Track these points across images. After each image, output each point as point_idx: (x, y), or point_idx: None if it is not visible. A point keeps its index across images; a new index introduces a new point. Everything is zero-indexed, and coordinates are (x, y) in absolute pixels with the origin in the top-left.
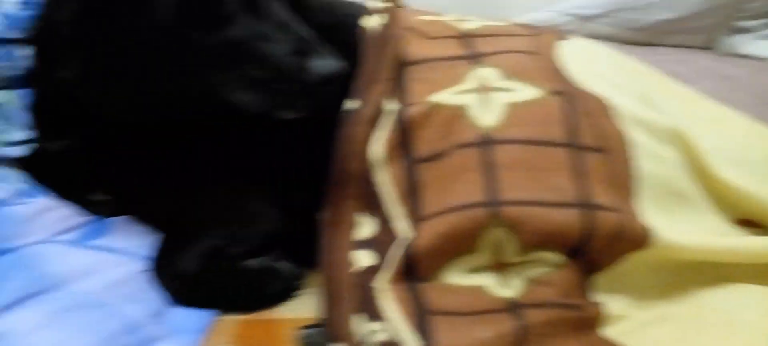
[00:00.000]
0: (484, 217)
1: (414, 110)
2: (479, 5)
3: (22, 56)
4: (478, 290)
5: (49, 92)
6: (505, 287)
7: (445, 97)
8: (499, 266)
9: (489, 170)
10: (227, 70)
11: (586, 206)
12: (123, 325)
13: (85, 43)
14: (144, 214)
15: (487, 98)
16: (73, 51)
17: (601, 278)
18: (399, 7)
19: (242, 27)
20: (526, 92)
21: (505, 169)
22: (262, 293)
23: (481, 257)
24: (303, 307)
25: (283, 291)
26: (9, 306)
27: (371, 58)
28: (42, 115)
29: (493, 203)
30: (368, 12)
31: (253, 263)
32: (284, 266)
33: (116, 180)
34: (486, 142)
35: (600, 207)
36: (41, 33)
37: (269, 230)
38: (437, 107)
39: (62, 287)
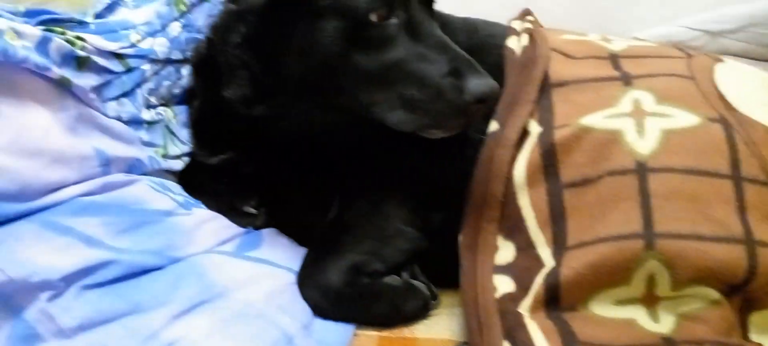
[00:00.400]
0: (639, 249)
1: (561, 133)
2: (601, 21)
3: (184, 76)
4: (629, 324)
5: (210, 109)
6: (655, 322)
7: (596, 120)
8: (649, 300)
9: (645, 200)
10: (385, 90)
11: (748, 241)
12: (280, 336)
13: (253, 65)
14: (292, 227)
15: (642, 123)
16: (241, 71)
17: (759, 318)
18: (540, 26)
19: (402, 49)
20: (683, 118)
21: (661, 199)
22: (401, 310)
23: (632, 290)
24: (438, 326)
25: (421, 309)
26: (183, 313)
27: (515, 79)
28: (201, 131)
29: (648, 235)
30: (510, 32)
31: (393, 280)
32: (422, 284)
33: (268, 193)
34: (642, 169)
35: (762, 243)
36: (208, 54)
37: (409, 249)
38: (587, 131)
39: (227, 296)
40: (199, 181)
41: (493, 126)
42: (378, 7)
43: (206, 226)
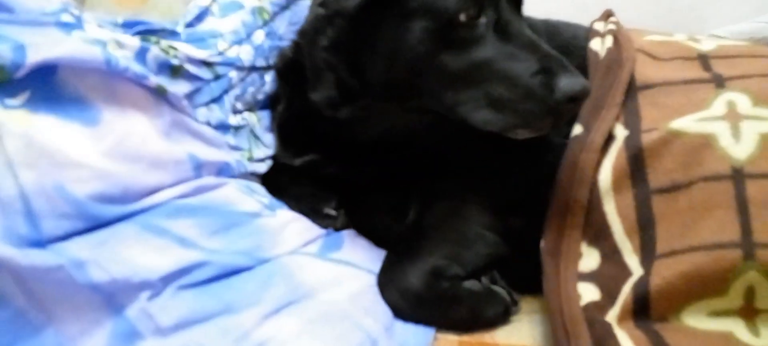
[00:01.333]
0: (737, 259)
1: (649, 137)
2: (677, 19)
3: (267, 82)
4: (726, 338)
5: (295, 112)
6: (756, 336)
7: (687, 123)
8: (748, 312)
9: (742, 207)
10: (471, 90)
11: None
12: (365, 338)
13: (340, 68)
14: (371, 229)
15: (737, 127)
16: (328, 74)
17: None
18: (623, 28)
19: (490, 48)
20: None
21: (760, 206)
22: (482, 314)
23: (729, 302)
24: (519, 332)
25: (501, 315)
26: (273, 313)
27: (600, 81)
28: (285, 133)
29: (747, 244)
30: (593, 34)
31: (473, 284)
32: (503, 290)
33: (348, 195)
34: (739, 175)
35: None
36: (294, 58)
37: (489, 254)
38: (677, 135)
39: (313, 296)
40: (281, 183)
41: (578, 129)
42: (468, 6)
43: (290, 227)
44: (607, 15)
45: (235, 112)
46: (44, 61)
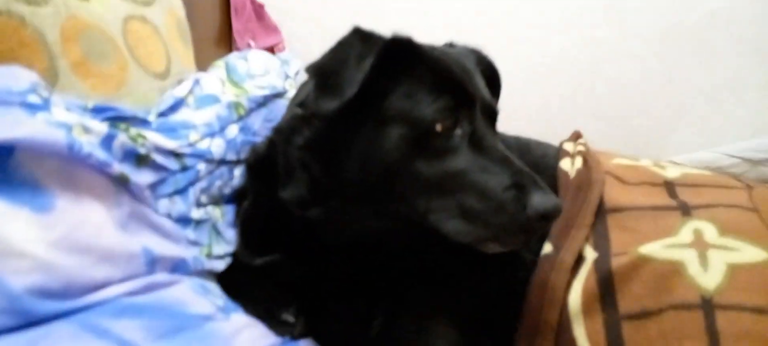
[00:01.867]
0: None
1: (619, 262)
2: (639, 145)
3: (235, 176)
4: None
5: (261, 210)
6: None
7: (656, 249)
8: None
9: (713, 339)
10: (444, 199)
11: None
12: None
13: (313, 167)
14: (332, 342)
15: (705, 256)
16: (301, 173)
17: None
18: (591, 150)
19: (464, 159)
20: (749, 253)
21: (731, 339)
22: None
23: None
24: None
25: None
26: None
27: (570, 201)
28: (249, 231)
29: None
30: (563, 154)
31: None
32: None
33: (308, 301)
34: (708, 306)
35: None
36: (266, 155)
37: None
38: (646, 260)
39: None
40: (238, 283)
41: (548, 248)
42: (444, 118)
43: (244, 334)
44: (575, 136)
45: (199, 205)
46: (1, 142)
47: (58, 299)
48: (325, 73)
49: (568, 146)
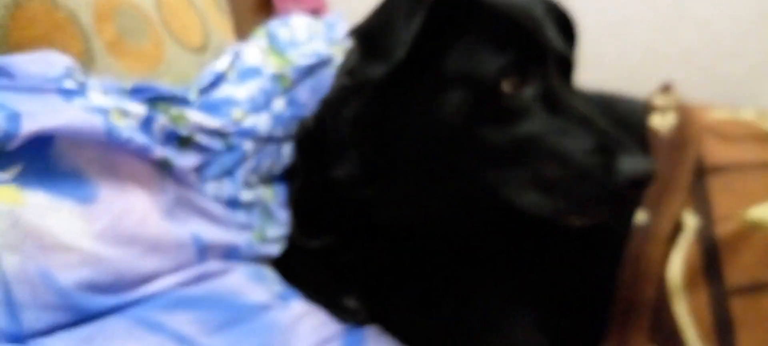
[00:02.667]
0: None
1: (725, 228)
2: (730, 91)
3: (285, 154)
4: None
5: (313, 189)
6: None
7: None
8: None
9: None
10: (517, 169)
11: None
12: None
13: (367, 142)
14: (399, 328)
15: None
16: (352, 149)
17: None
18: (684, 103)
19: (538, 121)
20: None
21: None
22: None
23: None
24: None
25: None
26: None
27: (664, 162)
28: (302, 212)
29: None
30: (653, 109)
31: None
32: None
33: (371, 285)
34: None
35: None
36: (316, 130)
37: None
38: (757, 226)
39: None
40: (296, 268)
41: (641, 217)
42: (511, 75)
43: (305, 322)
44: (665, 88)
45: (248, 186)
46: (40, 131)
47: (109, 293)
48: (370, 36)
49: (659, 100)
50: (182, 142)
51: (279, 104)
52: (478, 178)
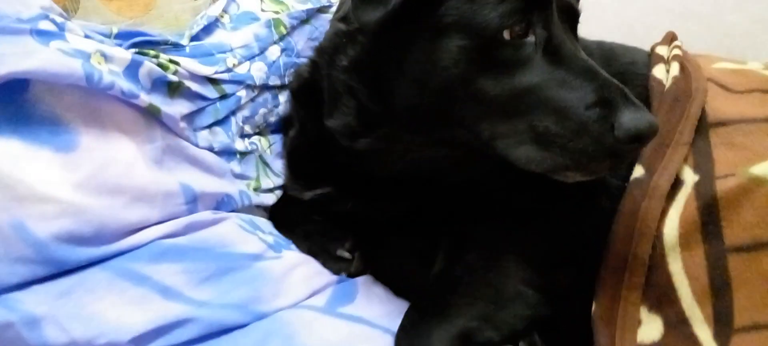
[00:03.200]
0: None
1: (725, 185)
2: (733, 43)
3: (281, 102)
4: None
5: (308, 139)
6: None
7: None
8: None
9: None
10: (514, 122)
11: None
12: None
13: (362, 90)
14: (391, 276)
15: None
16: (347, 99)
17: None
18: (688, 54)
19: (538, 72)
20: None
21: None
22: None
23: None
24: None
25: None
26: None
27: (665, 115)
28: (296, 162)
29: None
30: (656, 59)
31: None
32: None
33: (364, 235)
34: None
35: None
36: (311, 79)
37: (529, 315)
38: (759, 182)
39: None
40: (290, 218)
41: (638, 171)
42: (513, 22)
43: (296, 272)
44: (670, 38)
45: (243, 135)
46: (11, 75)
47: (91, 244)
48: None
49: (662, 51)
50: (172, 88)
51: (275, 51)
52: (473, 130)
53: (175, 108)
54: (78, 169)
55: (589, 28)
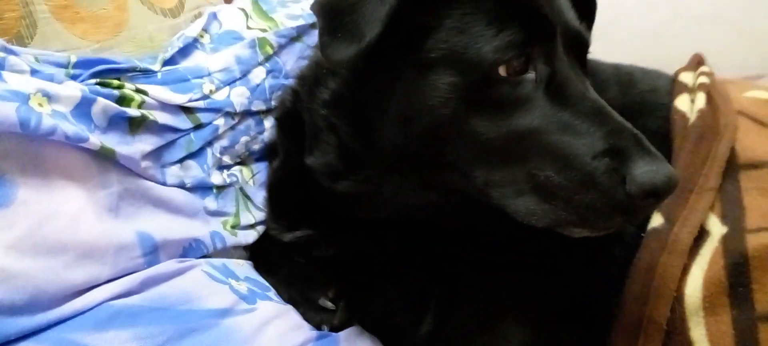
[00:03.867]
0: None
1: (757, 240)
2: None
3: (265, 128)
4: None
5: (291, 176)
6: None
7: None
8: None
9: None
10: (511, 168)
11: None
12: None
13: (343, 129)
14: (379, 329)
15: None
16: (328, 135)
17: None
18: (717, 81)
19: (539, 113)
20: None
21: None
22: None
23: None
24: None
25: None
26: None
27: (689, 156)
28: (278, 199)
29: None
30: (679, 88)
31: None
32: None
33: (349, 283)
34: None
35: None
36: (292, 109)
37: None
38: None
39: None
40: (271, 258)
41: (657, 220)
42: (510, 57)
43: (270, 329)
44: (696, 62)
45: (221, 167)
46: None
47: (25, 313)
48: (336, 11)
49: (686, 78)
50: (134, 124)
51: (259, 74)
52: (465, 175)
53: (137, 146)
54: (11, 227)
55: (615, 33)
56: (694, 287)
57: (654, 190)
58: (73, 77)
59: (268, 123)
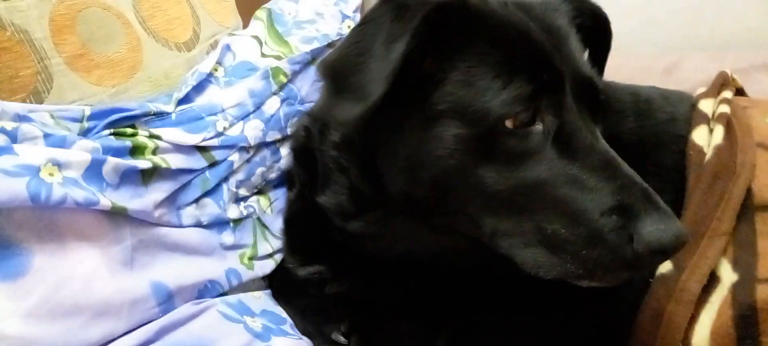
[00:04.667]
0: None
1: (766, 292)
2: None
3: (281, 156)
4: None
5: (306, 208)
6: None
7: None
8: None
9: None
10: (519, 218)
11: None
12: None
13: (352, 171)
14: None
15: None
16: (339, 176)
17: None
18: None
19: (546, 166)
20: None
21: None
22: None
23: None
24: None
25: None
26: None
27: (702, 196)
28: (294, 233)
29: None
30: (698, 119)
31: None
32: None
33: (362, 318)
34: None
35: None
36: (305, 144)
37: None
38: None
39: None
40: (289, 288)
41: (665, 266)
42: (517, 110)
43: None
44: (720, 83)
45: (238, 200)
46: None
47: None
48: (341, 72)
49: (706, 106)
50: (146, 175)
51: (273, 104)
52: (474, 223)
53: (150, 197)
54: (28, 295)
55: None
56: (701, 337)
57: (661, 249)
58: (88, 130)
59: (285, 150)
